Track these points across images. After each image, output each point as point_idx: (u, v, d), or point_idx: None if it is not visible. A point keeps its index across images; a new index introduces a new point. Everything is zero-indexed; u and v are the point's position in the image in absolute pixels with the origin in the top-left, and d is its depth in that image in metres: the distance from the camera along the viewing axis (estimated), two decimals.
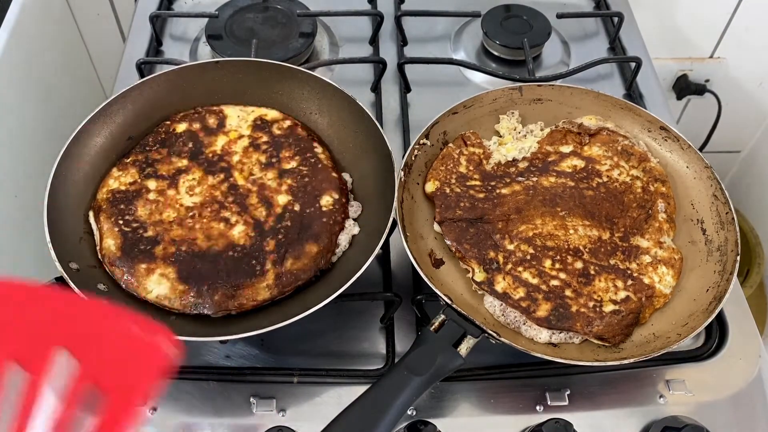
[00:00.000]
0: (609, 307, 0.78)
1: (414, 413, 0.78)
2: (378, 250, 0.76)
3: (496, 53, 1.15)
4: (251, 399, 0.79)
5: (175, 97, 0.93)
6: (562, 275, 0.80)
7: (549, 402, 0.79)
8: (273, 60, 0.95)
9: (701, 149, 1.49)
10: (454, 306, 0.74)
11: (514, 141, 0.94)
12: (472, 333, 0.72)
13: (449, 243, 0.83)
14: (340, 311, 0.86)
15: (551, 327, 0.77)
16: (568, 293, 0.79)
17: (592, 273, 0.80)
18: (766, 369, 0.83)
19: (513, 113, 0.96)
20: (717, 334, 0.86)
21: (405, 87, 1.10)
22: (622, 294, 0.79)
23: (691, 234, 0.87)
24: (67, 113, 1.35)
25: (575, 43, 1.21)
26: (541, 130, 0.95)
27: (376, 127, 0.87)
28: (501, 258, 0.81)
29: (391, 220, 0.78)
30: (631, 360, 0.73)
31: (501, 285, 0.79)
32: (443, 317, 0.73)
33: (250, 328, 0.72)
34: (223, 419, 0.78)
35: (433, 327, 0.72)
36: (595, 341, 0.77)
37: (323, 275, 0.82)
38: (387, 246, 0.90)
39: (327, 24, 1.20)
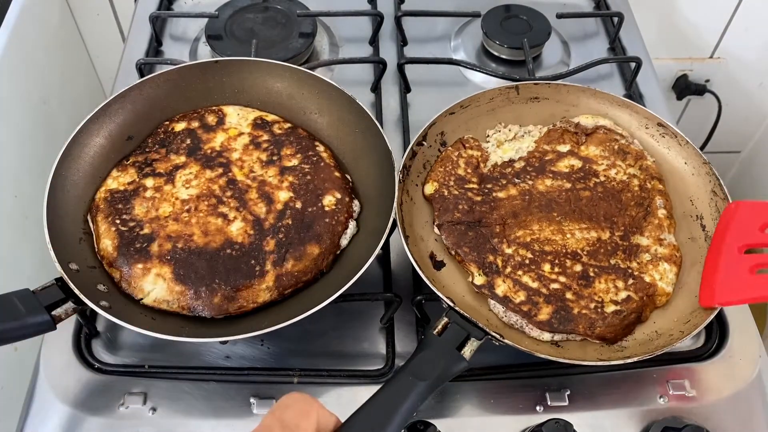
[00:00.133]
0: (611, 308, 0.78)
1: (414, 414, 0.78)
2: (378, 250, 0.76)
3: (496, 53, 1.15)
4: (251, 399, 0.79)
5: (175, 97, 0.93)
6: (561, 278, 0.80)
7: (549, 402, 0.79)
8: (273, 60, 0.95)
9: (701, 149, 1.49)
10: (456, 309, 0.73)
11: (511, 141, 0.94)
12: (475, 335, 0.71)
13: (448, 246, 0.83)
14: (340, 312, 0.85)
15: (553, 330, 0.76)
16: (568, 296, 0.79)
17: (591, 275, 0.80)
18: (766, 369, 0.83)
19: (500, 126, 0.95)
20: (717, 334, 0.86)
21: (405, 87, 1.10)
22: (623, 294, 0.79)
23: (691, 230, 0.86)
24: (67, 113, 1.35)
25: (575, 43, 1.21)
26: (540, 131, 0.95)
27: (376, 127, 0.87)
28: (500, 261, 0.81)
29: (392, 220, 0.78)
30: (635, 359, 0.73)
31: (501, 288, 0.79)
32: (446, 320, 0.73)
33: (250, 328, 0.72)
34: (223, 419, 0.78)
35: (436, 330, 0.72)
36: (596, 342, 0.77)
37: (323, 275, 0.81)
38: (387, 246, 0.90)
39: (327, 24, 1.20)
